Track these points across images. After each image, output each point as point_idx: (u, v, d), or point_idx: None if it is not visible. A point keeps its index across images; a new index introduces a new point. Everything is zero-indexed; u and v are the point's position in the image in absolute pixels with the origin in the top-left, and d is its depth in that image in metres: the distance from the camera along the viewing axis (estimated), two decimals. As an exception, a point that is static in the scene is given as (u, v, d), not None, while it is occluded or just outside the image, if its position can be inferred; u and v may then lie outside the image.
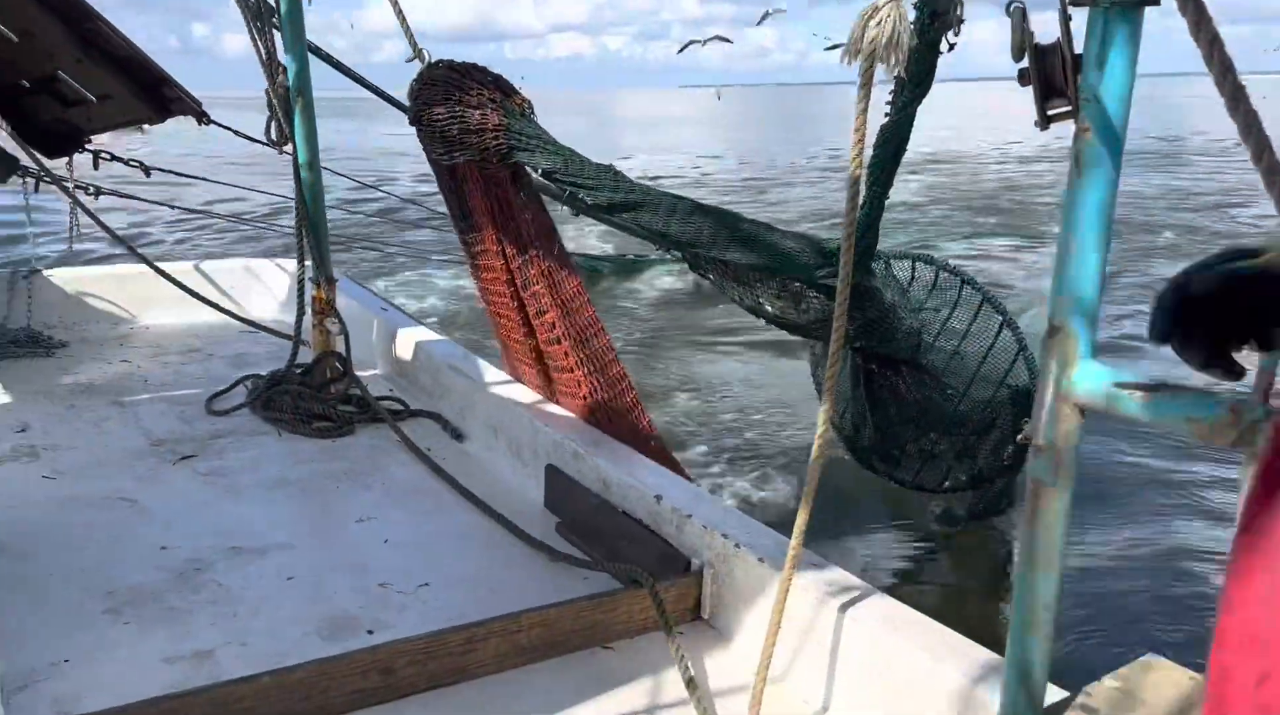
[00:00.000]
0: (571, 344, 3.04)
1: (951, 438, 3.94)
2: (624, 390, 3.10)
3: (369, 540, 2.68)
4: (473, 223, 3.11)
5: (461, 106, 2.87)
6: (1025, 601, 1.40)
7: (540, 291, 3.04)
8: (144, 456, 3.17)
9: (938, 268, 4.07)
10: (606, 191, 2.93)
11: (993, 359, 3.92)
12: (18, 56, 4.32)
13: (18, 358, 4.04)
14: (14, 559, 2.46)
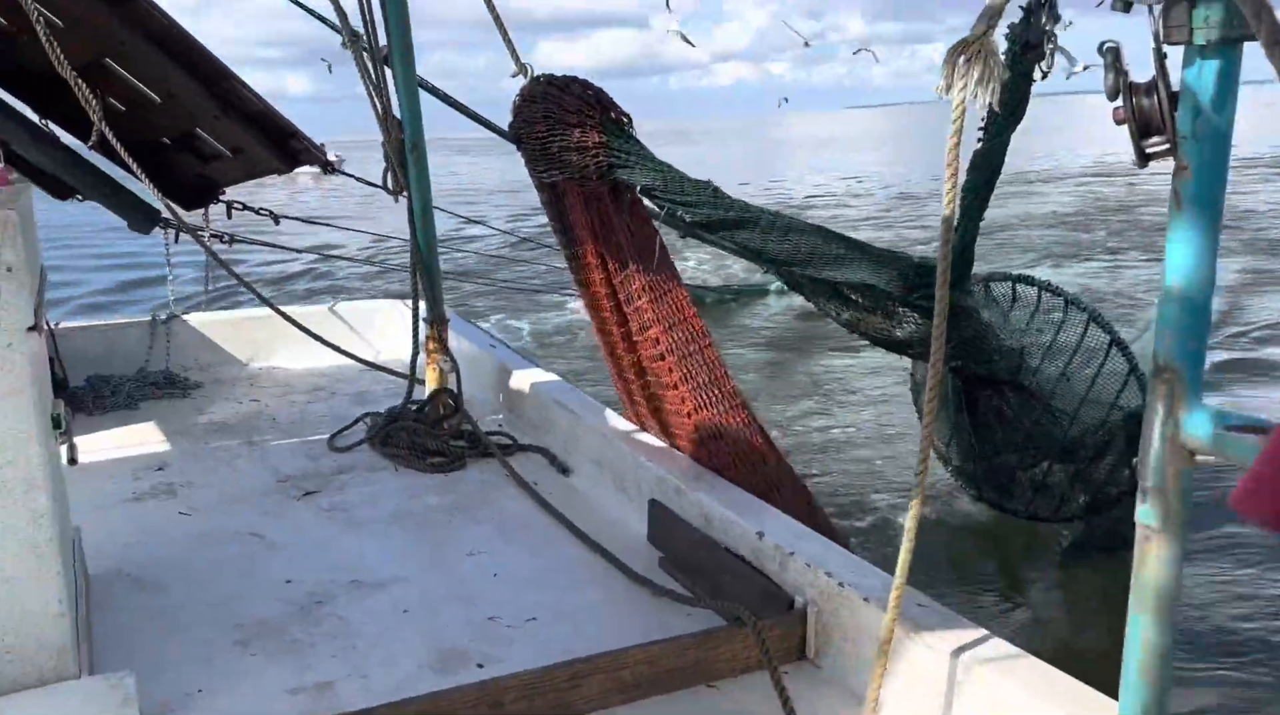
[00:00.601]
0: (676, 359, 3.00)
1: (1064, 464, 3.80)
2: (735, 407, 3.03)
3: (479, 574, 2.76)
4: (574, 237, 3.11)
5: (562, 124, 2.88)
6: (1137, 648, 1.36)
7: (643, 306, 3.01)
8: (271, 492, 3.34)
9: (1040, 287, 3.96)
10: (705, 208, 2.93)
11: (1102, 380, 3.78)
12: (161, 116, 4.66)
13: (158, 399, 4.32)
14: (152, 592, 2.63)
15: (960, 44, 1.43)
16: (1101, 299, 11.55)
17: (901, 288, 3.05)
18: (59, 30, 4.00)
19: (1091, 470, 3.79)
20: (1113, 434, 3.71)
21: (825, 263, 3.04)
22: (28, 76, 4.33)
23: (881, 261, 3.07)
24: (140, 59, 4.31)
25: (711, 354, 3.07)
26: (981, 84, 1.41)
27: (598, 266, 3.07)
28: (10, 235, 1.75)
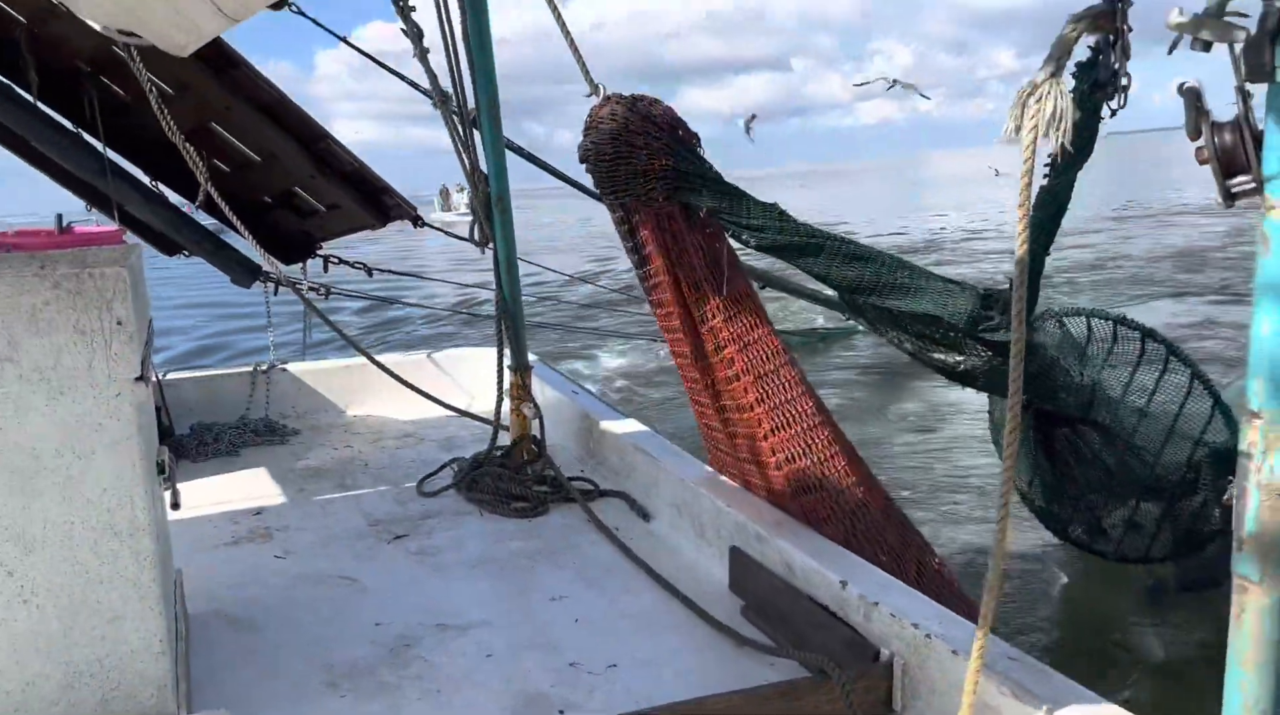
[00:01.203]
0: (752, 379, 2.92)
1: (1151, 503, 3.66)
2: (814, 426, 2.94)
3: (561, 619, 2.78)
4: (646, 257, 3.07)
5: (629, 147, 2.85)
6: (1237, 707, 1.30)
7: (717, 326, 2.95)
8: (363, 536, 3.43)
9: (1114, 322, 3.84)
10: (771, 233, 2.88)
11: (1186, 415, 3.63)
12: (262, 175, 4.92)
13: (258, 446, 4.49)
14: (247, 632, 2.72)
15: (1030, 85, 1.43)
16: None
17: (965, 320, 2.99)
18: (169, 97, 4.27)
19: (1179, 509, 3.64)
20: (1199, 471, 3.56)
21: (888, 291, 2.98)
22: (140, 141, 4.62)
23: (946, 292, 3.01)
24: (243, 123, 4.56)
25: (789, 373, 2.98)
26: (1053, 124, 1.41)
27: (670, 286, 3.04)
28: (122, 291, 1.86)
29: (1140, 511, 3.72)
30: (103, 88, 4.51)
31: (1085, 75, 2.14)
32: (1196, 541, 3.72)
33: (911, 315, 3.04)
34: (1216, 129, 1.25)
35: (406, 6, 3.37)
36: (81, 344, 1.86)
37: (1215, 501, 3.56)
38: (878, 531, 2.95)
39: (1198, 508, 3.62)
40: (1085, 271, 18.31)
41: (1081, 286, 16.63)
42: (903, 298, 3.01)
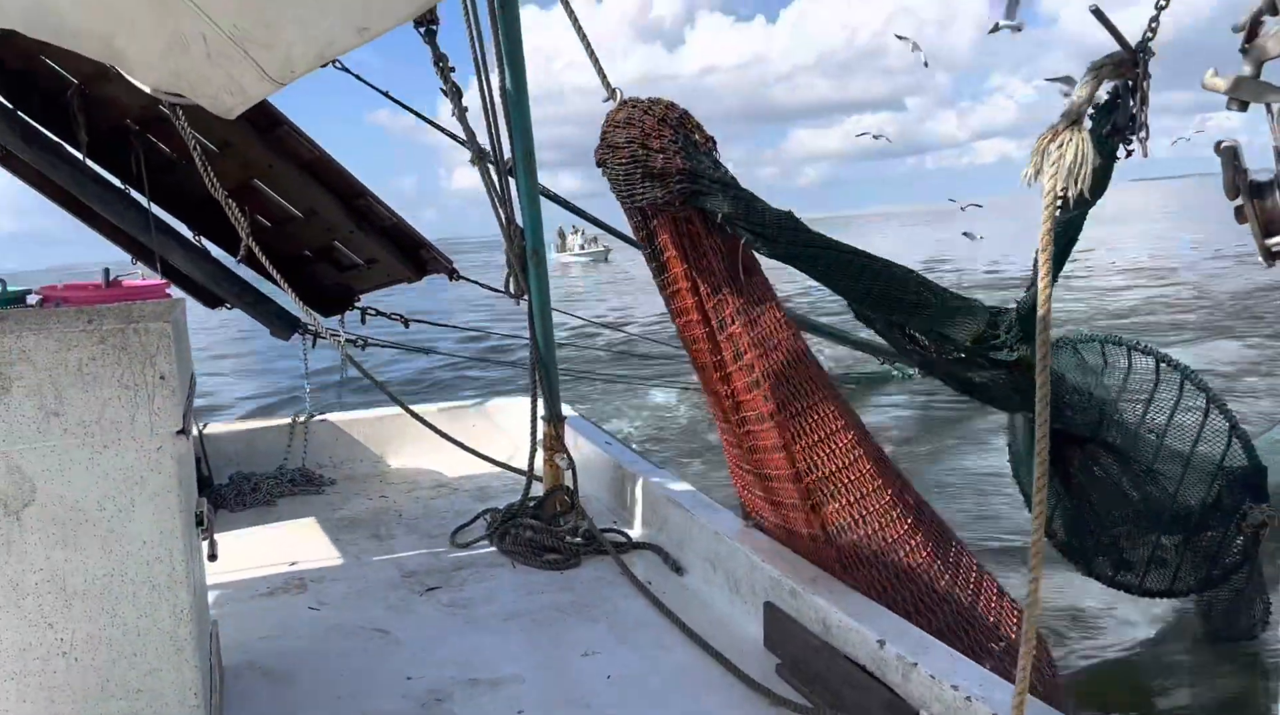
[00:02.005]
0: (770, 386, 2.83)
1: (1173, 533, 3.58)
2: (838, 431, 2.83)
3: (593, 675, 2.75)
4: (664, 263, 3.02)
5: (645, 149, 2.82)
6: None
7: (736, 332, 2.88)
8: (397, 587, 3.43)
9: (1128, 347, 3.79)
10: (784, 243, 2.83)
11: (1204, 440, 3.57)
12: (302, 230, 5.02)
13: (295, 496, 4.52)
14: (281, 684, 2.72)
15: (1050, 131, 1.43)
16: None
17: (971, 338, 2.94)
18: (212, 154, 4.38)
19: (1201, 539, 3.57)
20: (1219, 498, 3.50)
21: (896, 307, 2.95)
22: (184, 196, 4.74)
23: (954, 310, 2.98)
24: (285, 179, 4.67)
25: (813, 372, 2.89)
26: (1072, 172, 1.40)
27: (689, 291, 2.97)
28: (165, 347, 1.90)
29: (1162, 543, 3.65)
30: (149, 145, 4.64)
31: (1104, 119, 2.14)
32: (1222, 573, 3.65)
33: (919, 329, 3.00)
34: (1255, 189, 1.25)
35: (447, 67, 3.45)
36: (125, 398, 1.90)
37: (1236, 530, 3.49)
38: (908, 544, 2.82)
39: (1220, 537, 3.55)
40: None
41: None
42: (909, 313, 2.96)
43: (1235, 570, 3.65)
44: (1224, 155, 1.27)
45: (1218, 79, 1.24)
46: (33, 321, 1.92)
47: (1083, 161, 1.40)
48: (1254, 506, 3.54)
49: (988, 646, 2.76)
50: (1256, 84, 1.22)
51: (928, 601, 2.78)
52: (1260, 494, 3.58)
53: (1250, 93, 1.22)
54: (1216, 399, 3.64)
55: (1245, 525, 3.52)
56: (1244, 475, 3.53)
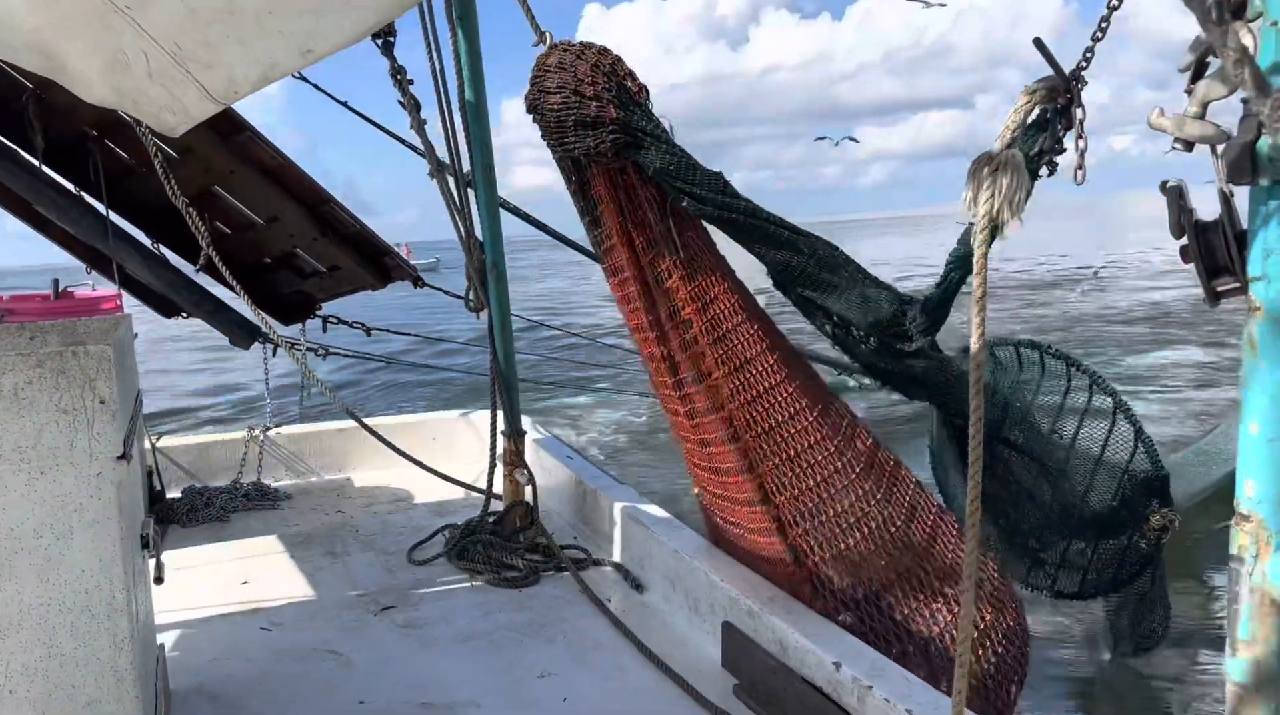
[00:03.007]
0: (710, 341, 2.73)
1: (1081, 535, 3.63)
2: (776, 385, 2.72)
3: (549, 698, 2.72)
4: (598, 216, 2.88)
5: (578, 97, 2.70)
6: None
7: (673, 285, 2.77)
8: (351, 607, 3.37)
9: (1041, 351, 3.83)
10: (710, 205, 2.76)
11: (1110, 444, 3.63)
12: (263, 237, 4.94)
13: (249, 510, 4.45)
14: (226, 709, 2.67)
15: (985, 157, 1.41)
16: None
17: (877, 326, 2.93)
18: (173, 161, 4.31)
19: (1109, 541, 3.63)
20: (1124, 500, 3.55)
21: (814, 283, 2.93)
22: (142, 204, 4.65)
23: (865, 296, 2.96)
24: (247, 186, 4.60)
25: (750, 330, 2.78)
26: (1008, 198, 1.39)
27: (624, 245, 2.84)
28: (106, 370, 1.85)
29: (1071, 544, 3.70)
30: (107, 151, 4.56)
31: (1031, 140, 2.15)
32: (1128, 575, 3.70)
33: (824, 311, 2.97)
34: (1200, 228, 1.25)
35: (404, 79, 3.41)
36: (63, 423, 1.84)
37: (1140, 533, 3.56)
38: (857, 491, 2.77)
39: (1126, 539, 3.61)
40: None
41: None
42: (823, 293, 2.91)
43: (1140, 572, 3.71)
44: (1169, 195, 1.27)
45: (1164, 119, 1.24)
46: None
47: (1018, 187, 1.40)
48: (1157, 510, 3.59)
49: (943, 591, 2.74)
50: (1201, 124, 1.22)
51: (881, 546, 2.75)
52: (1164, 498, 3.63)
53: (1194, 133, 1.22)
54: (1123, 404, 3.68)
55: (1148, 528, 3.57)
56: (1148, 480, 3.58)
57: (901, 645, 2.68)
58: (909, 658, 2.64)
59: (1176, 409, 11.43)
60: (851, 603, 2.74)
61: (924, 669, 2.62)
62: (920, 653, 2.68)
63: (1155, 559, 3.67)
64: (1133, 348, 16.14)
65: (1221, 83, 1.19)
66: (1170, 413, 11.16)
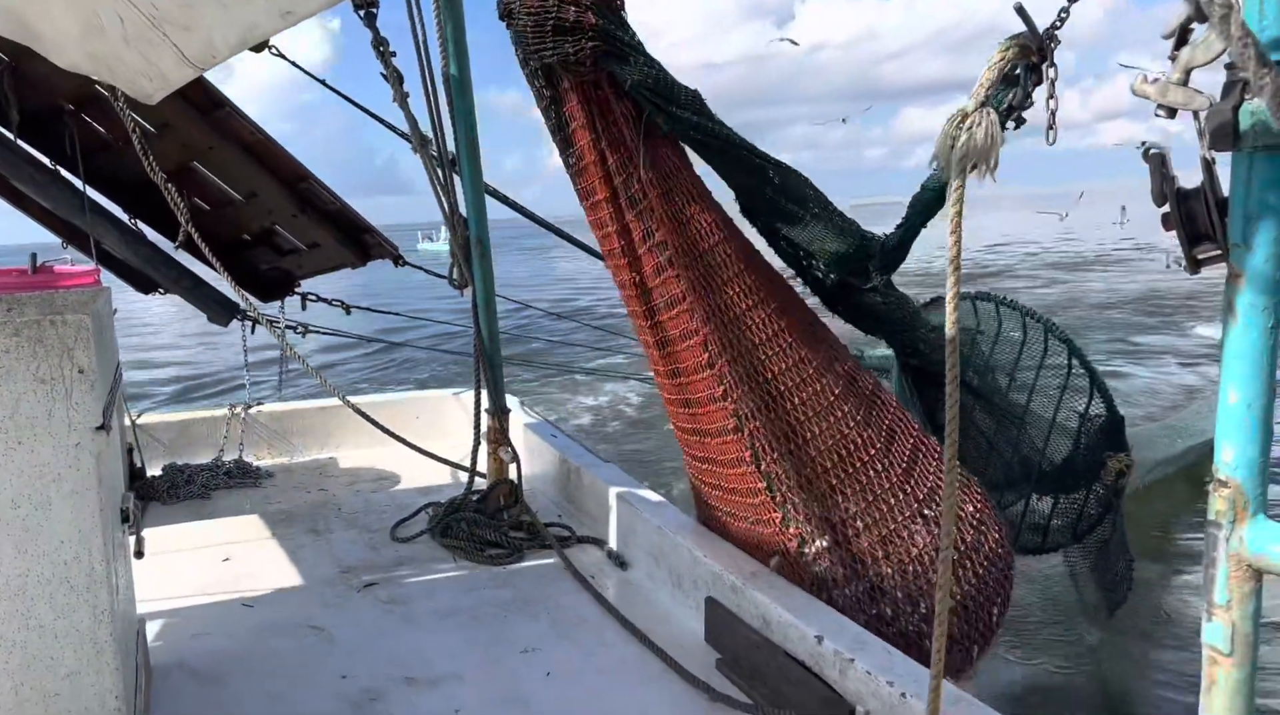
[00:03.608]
0: (684, 264, 2.62)
1: (1043, 490, 3.67)
2: (752, 307, 2.64)
3: (533, 673, 2.73)
4: (571, 136, 2.74)
5: (557, 0, 2.62)
6: (1211, 783, 1.27)
7: (649, 206, 2.65)
8: (334, 583, 3.37)
9: (996, 302, 3.86)
10: (688, 124, 2.67)
11: (1068, 395, 3.66)
12: (242, 214, 4.90)
13: (230, 488, 4.42)
14: (210, 685, 2.66)
15: (959, 114, 1.41)
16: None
17: (838, 257, 2.91)
18: (151, 136, 4.25)
19: (1069, 493, 3.67)
20: (1084, 450, 3.59)
21: (778, 214, 2.88)
22: (120, 179, 4.60)
23: (831, 230, 2.93)
24: (225, 162, 4.55)
25: (728, 250, 2.69)
26: (983, 155, 1.39)
27: (596, 164, 2.70)
28: (84, 339, 1.83)
29: (1032, 500, 3.73)
30: (84, 125, 4.50)
31: (1000, 96, 2.14)
32: (1088, 526, 3.74)
33: (788, 241, 2.95)
34: (1182, 196, 1.25)
35: (387, 51, 3.38)
36: (41, 393, 1.82)
37: (1098, 479, 3.59)
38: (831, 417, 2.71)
39: (1085, 490, 3.64)
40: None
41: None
42: (789, 223, 2.87)
43: (1100, 521, 3.74)
44: (1152, 162, 1.27)
45: (1147, 85, 1.24)
46: None
47: (993, 143, 1.39)
48: (1113, 455, 3.61)
49: (923, 512, 2.72)
50: (1184, 91, 1.22)
51: (860, 469, 2.71)
52: (1120, 444, 3.65)
53: (1178, 100, 1.22)
54: (1078, 352, 3.69)
55: (1105, 472, 3.60)
56: (1104, 425, 3.60)
57: (878, 567, 2.66)
58: (886, 580, 2.63)
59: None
60: (827, 526, 2.70)
61: (900, 590, 2.62)
62: (898, 574, 2.66)
63: (1114, 505, 3.70)
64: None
65: (1205, 49, 1.19)
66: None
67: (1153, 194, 1.29)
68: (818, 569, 2.69)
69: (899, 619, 2.63)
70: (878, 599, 2.65)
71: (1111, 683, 4.93)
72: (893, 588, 2.57)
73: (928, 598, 2.61)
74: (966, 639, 2.72)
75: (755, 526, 2.87)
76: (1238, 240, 1.19)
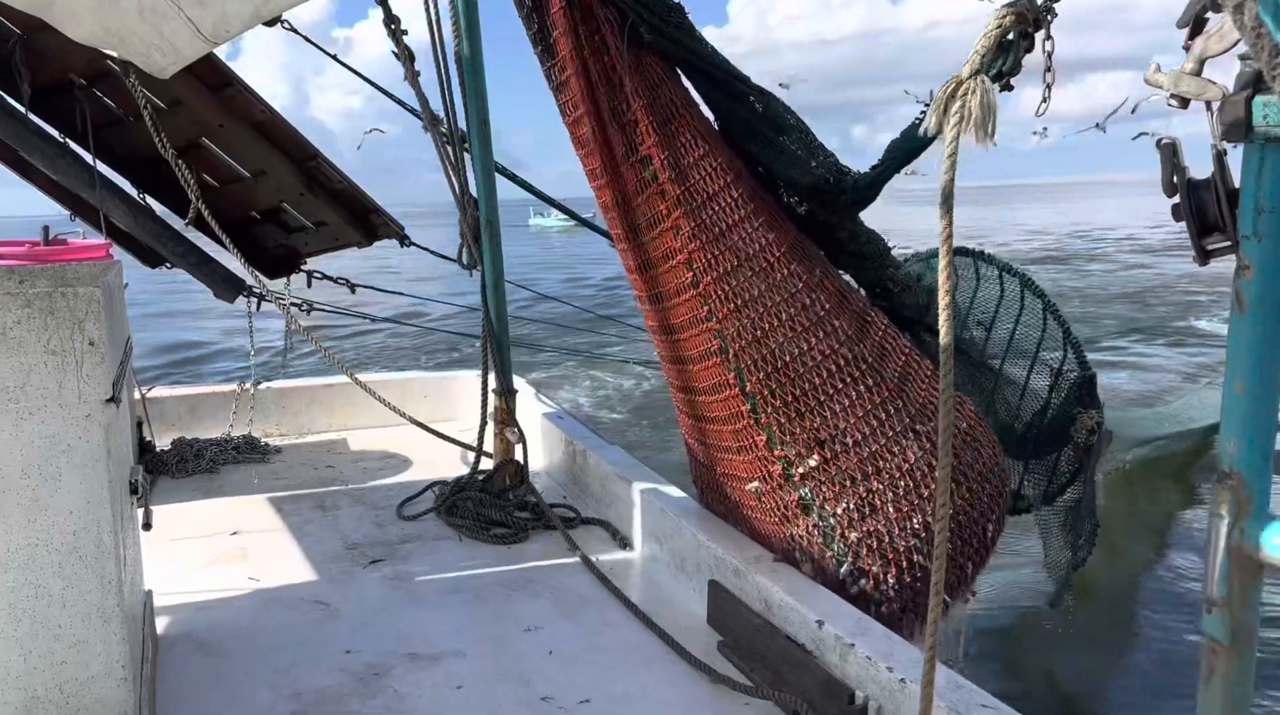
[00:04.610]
0: (669, 177, 2.49)
1: (1018, 450, 3.65)
2: (740, 220, 2.53)
3: (535, 651, 2.75)
4: (551, 43, 2.64)
5: None
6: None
7: (634, 119, 2.53)
8: (340, 560, 3.39)
9: (974, 257, 3.83)
10: (670, 40, 2.56)
11: (1039, 344, 3.64)
12: (251, 191, 4.90)
13: (239, 463, 4.45)
14: (216, 656, 2.68)
15: (954, 81, 1.39)
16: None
17: (811, 190, 2.84)
18: (161, 112, 4.25)
19: (1043, 460, 3.65)
20: (1059, 406, 3.57)
21: (756, 139, 2.80)
22: (129, 154, 4.60)
23: (807, 157, 2.83)
24: (235, 139, 4.55)
25: (714, 162, 2.56)
26: (979, 122, 1.36)
27: (579, 74, 2.57)
28: (95, 312, 1.84)
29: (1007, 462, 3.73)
30: (95, 100, 4.50)
31: (992, 62, 2.12)
32: (1059, 487, 3.72)
33: (763, 164, 2.87)
34: (1192, 187, 1.25)
35: (398, 29, 3.37)
36: (52, 364, 1.84)
37: (1067, 440, 3.57)
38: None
39: (1056, 452, 3.62)
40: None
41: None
42: (766, 149, 2.82)
43: (1072, 481, 3.71)
44: (1163, 152, 1.27)
45: (1160, 75, 1.24)
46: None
47: (989, 112, 1.37)
48: (1084, 411, 3.58)
49: (914, 427, 2.64)
50: (1197, 81, 1.22)
51: (849, 385, 2.64)
52: (1092, 399, 3.62)
53: (1190, 89, 1.22)
54: (1051, 306, 3.65)
55: (1075, 429, 3.56)
56: (1077, 382, 3.57)
57: (868, 483, 2.59)
58: (876, 496, 2.57)
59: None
60: (815, 446, 2.63)
61: (892, 506, 2.55)
62: (889, 490, 2.59)
63: (1085, 464, 3.67)
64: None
65: (1220, 39, 1.18)
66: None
67: (1163, 184, 1.29)
68: (804, 491, 2.61)
69: (891, 536, 2.56)
70: (868, 515, 2.58)
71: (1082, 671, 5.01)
72: (884, 504, 2.52)
73: (920, 513, 2.55)
74: (962, 556, 2.67)
75: (736, 456, 2.76)
76: (1247, 232, 1.19)
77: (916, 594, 2.55)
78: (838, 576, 2.58)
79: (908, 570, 2.50)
